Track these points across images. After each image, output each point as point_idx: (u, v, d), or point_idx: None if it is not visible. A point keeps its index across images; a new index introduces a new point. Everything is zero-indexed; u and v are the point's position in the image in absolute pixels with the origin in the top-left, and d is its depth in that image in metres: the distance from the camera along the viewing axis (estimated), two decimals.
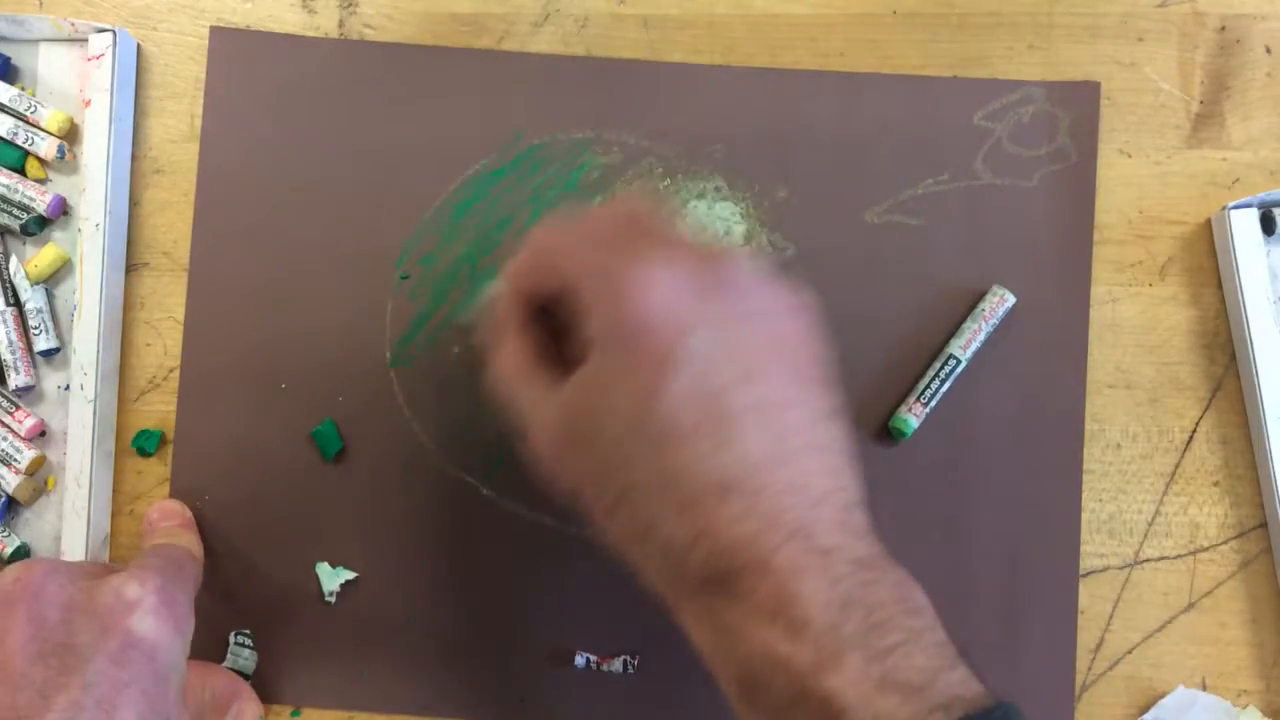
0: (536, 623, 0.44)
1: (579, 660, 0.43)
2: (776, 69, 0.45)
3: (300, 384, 0.44)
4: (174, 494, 0.44)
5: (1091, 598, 0.44)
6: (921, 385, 0.43)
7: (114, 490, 0.44)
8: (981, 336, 0.43)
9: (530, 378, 0.33)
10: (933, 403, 0.43)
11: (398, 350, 0.44)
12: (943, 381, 0.43)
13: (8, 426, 0.44)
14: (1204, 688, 0.43)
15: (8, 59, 0.45)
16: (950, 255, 0.44)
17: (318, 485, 0.44)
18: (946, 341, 0.44)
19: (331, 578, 0.43)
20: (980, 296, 0.44)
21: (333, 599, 0.43)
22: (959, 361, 0.43)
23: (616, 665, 0.43)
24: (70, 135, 0.45)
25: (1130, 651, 0.43)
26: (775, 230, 0.45)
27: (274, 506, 0.44)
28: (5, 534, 0.43)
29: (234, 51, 0.45)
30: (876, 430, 0.44)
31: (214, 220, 0.45)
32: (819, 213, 0.45)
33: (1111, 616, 0.43)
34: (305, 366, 0.44)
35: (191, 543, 0.42)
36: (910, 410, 0.43)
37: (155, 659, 0.33)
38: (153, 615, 0.34)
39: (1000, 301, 0.43)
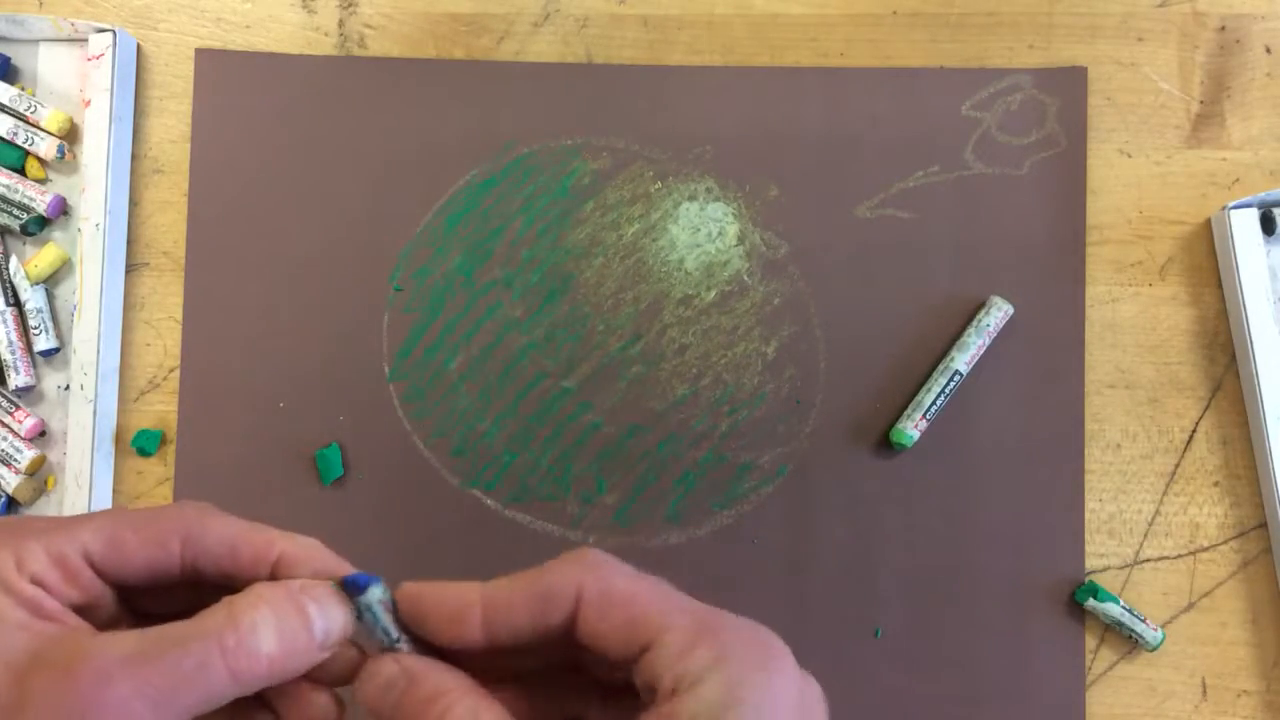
0: None
1: None
2: (762, 68, 0.45)
3: (300, 400, 0.44)
4: (177, 499, 0.44)
5: None
6: (926, 401, 0.43)
7: (114, 490, 0.44)
8: (984, 350, 0.43)
9: None
10: (931, 413, 0.43)
11: (396, 363, 0.44)
12: (948, 398, 0.43)
13: (8, 426, 0.44)
14: (1204, 688, 0.43)
15: (8, 59, 0.45)
16: (943, 248, 0.44)
17: (320, 500, 0.44)
18: (947, 350, 0.44)
19: None
20: (979, 305, 0.44)
21: None
22: (962, 376, 0.43)
23: None
24: (70, 135, 0.45)
25: (1130, 651, 0.43)
26: (768, 229, 0.45)
27: (276, 519, 0.44)
28: None
29: (220, 73, 0.45)
30: (878, 440, 0.44)
31: (207, 239, 0.45)
32: (810, 210, 0.45)
33: None
34: (305, 383, 0.44)
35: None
36: (915, 426, 0.43)
37: None
38: None
39: (1003, 316, 0.43)
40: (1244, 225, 0.43)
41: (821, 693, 0.27)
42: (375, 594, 0.26)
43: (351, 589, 0.26)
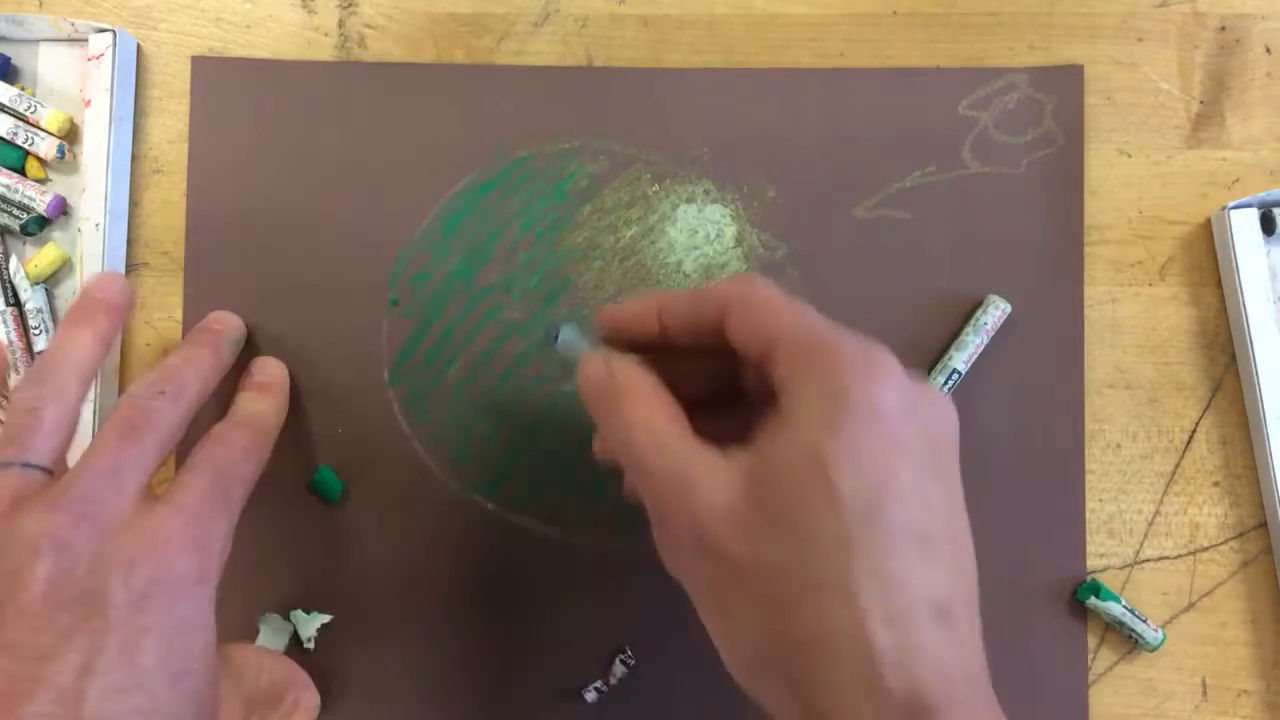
0: (546, 638, 0.44)
1: (589, 695, 0.43)
2: (761, 68, 0.45)
3: (299, 406, 0.44)
4: None
5: None
6: None
7: None
8: (982, 349, 0.43)
9: (688, 441, 0.30)
10: None
11: (396, 368, 0.44)
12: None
13: None
14: (1204, 688, 0.43)
15: (8, 59, 0.45)
16: (941, 248, 0.44)
17: (319, 504, 0.44)
18: (945, 349, 0.44)
19: (307, 624, 0.43)
20: (976, 304, 0.44)
21: (311, 644, 0.43)
22: (960, 375, 0.43)
23: (618, 670, 0.43)
24: (70, 135, 0.45)
25: (1130, 651, 0.43)
26: (766, 230, 0.45)
27: (275, 521, 0.44)
28: None
29: (217, 79, 0.45)
30: None
31: (204, 245, 0.45)
32: (808, 211, 0.45)
33: None
34: (304, 387, 0.44)
35: (268, 415, 0.41)
36: None
37: (174, 607, 0.32)
38: (179, 559, 0.33)
39: (1000, 315, 0.43)
40: (1244, 225, 0.43)
41: (953, 411, 0.30)
42: (568, 332, 0.35)
43: (553, 337, 0.35)
